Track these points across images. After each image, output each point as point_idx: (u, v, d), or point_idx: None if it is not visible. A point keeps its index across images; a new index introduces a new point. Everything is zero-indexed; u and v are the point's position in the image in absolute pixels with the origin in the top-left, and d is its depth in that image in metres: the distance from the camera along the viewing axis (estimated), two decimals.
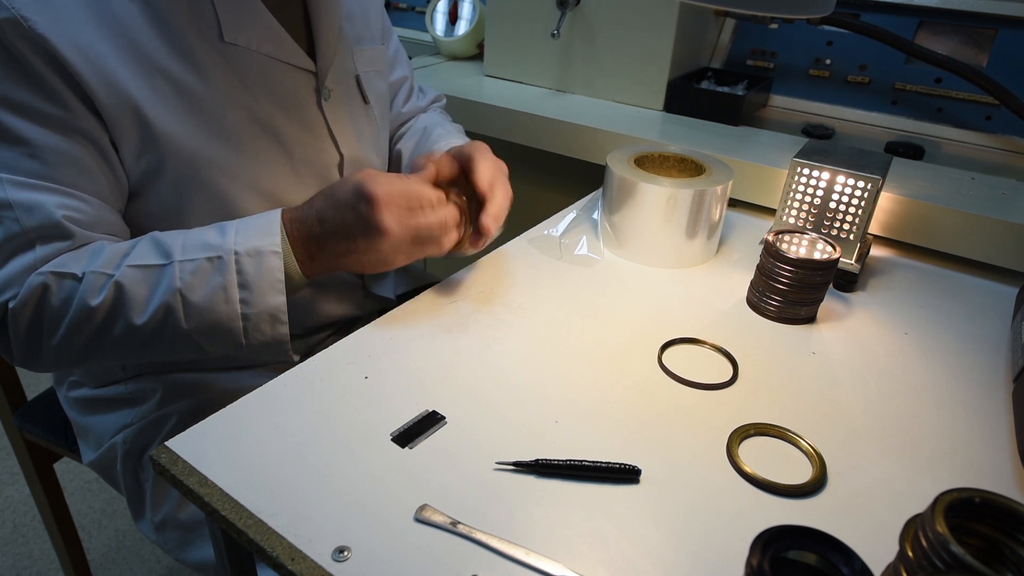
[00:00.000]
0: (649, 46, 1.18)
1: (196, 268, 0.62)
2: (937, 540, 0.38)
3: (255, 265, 0.62)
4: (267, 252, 0.63)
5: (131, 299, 0.62)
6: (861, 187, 0.77)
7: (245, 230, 0.64)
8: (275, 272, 0.63)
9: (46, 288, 0.61)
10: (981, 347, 0.73)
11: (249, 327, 0.63)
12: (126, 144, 0.65)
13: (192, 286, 0.62)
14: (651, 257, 0.85)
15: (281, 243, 0.64)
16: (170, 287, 0.61)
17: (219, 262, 0.62)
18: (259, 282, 0.63)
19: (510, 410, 0.59)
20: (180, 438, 0.54)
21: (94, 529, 1.50)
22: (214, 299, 0.62)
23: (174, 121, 0.66)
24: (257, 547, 0.46)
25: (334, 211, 0.64)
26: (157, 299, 0.62)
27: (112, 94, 0.62)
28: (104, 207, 0.66)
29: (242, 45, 0.69)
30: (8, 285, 0.62)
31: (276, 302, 0.63)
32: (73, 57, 0.60)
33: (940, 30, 1.18)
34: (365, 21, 0.87)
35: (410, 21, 1.73)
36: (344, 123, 0.80)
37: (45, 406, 1.02)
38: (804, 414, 0.61)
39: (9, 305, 0.62)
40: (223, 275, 0.62)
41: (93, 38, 0.61)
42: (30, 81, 0.60)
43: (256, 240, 0.63)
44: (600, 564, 0.46)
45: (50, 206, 0.62)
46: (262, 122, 0.71)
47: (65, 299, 0.62)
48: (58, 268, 0.62)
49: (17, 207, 0.61)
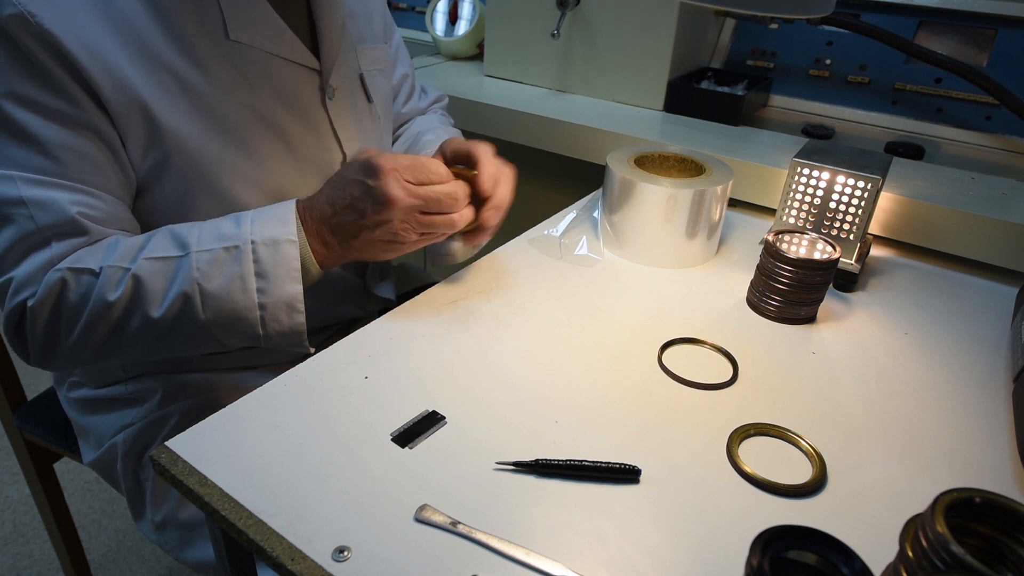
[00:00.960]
0: (649, 46, 1.18)
1: (213, 258, 0.62)
2: (937, 540, 0.38)
3: (272, 254, 0.63)
4: (283, 241, 0.64)
5: (149, 291, 0.62)
6: (861, 187, 0.77)
7: (261, 220, 0.65)
8: (291, 261, 0.63)
9: (64, 284, 0.61)
10: (981, 347, 0.73)
11: (267, 316, 0.64)
12: (133, 140, 0.65)
13: (209, 276, 0.62)
14: (651, 257, 0.85)
15: (297, 232, 0.64)
16: (187, 278, 0.62)
17: (236, 252, 0.63)
18: (276, 271, 0.63)
19: (510, 410, 0.59)
20: (180, 438, 0.54)
21: (94, 529, 1.50)
22: (231, 288, 0.62)
23: (179, 118, 0.66)
24: (257, 547, 0.46)
25: (342, 190, 0.66)
26: (175, 290, 0.62)
27: (119, 90, 0.62)
28: (116, 203, 0.66)
29: (246, 43, 0.69)
30: (26, 284, 0.62)
31: (293, 290, 0.64)
32: (80, 53, 0.60)
33: (940, 30, 1.18)
34: (368, 20, 0.87)
35: (410, 21, 1.73)
36: (347, 121, 0.80)
37: (45, 406, 1.02)
38: (804, 414, 0.61)
39: (28, 303, 0.62)
40: (240, 264, 0.62)
41: (99, 34, 0.61)
42: (38, 77, 0.60)
43: (272, 229, 0.64)
44: (600, 564, 0.46)
45: (64, 203, 0.62)
46: (266, 120, 0.72)
47: (84, 295, 0.62)
48: (75, 264, 0.62)
49: (31, 205, 0.61)
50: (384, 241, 0.66)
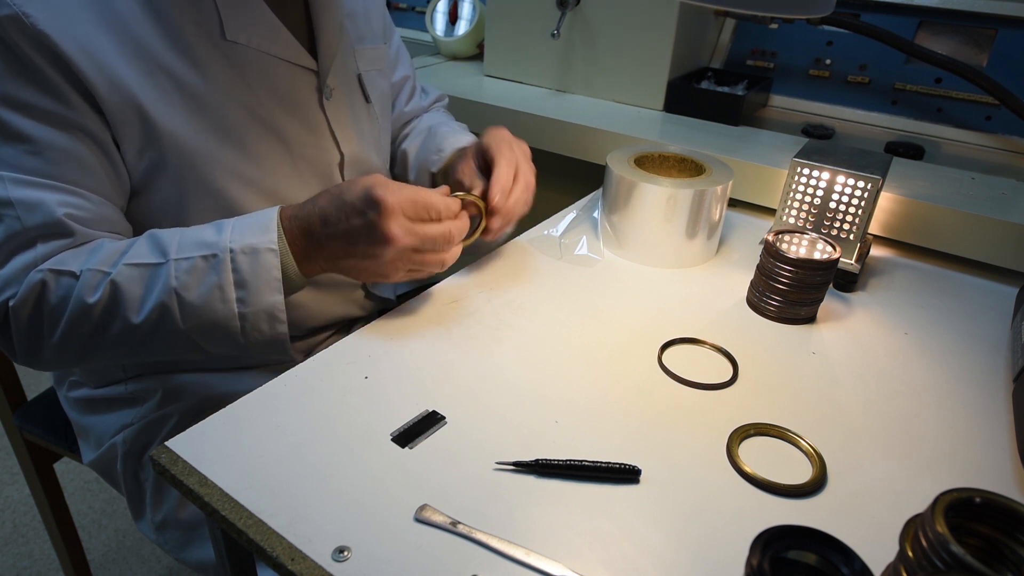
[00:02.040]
0: (649, 46, 1.18)
1: (191, 267, 0.61)
2: (937, 540, 0.38)
3: (251, 263, 0.62)
4: (263, 250, 0.62)
5: (127, 298, 0.61)
6: (861, 187, 0.77)
7: (241, 227, 0.63)
8: (271, 270, 0.62)
9: (44, 285, 0.61)
10: (981, 347, 0.72)
11: (247, 326, 0.63)
12: (128, 141, 0.65)
13: (187, 285, 0.61)
14: (651, 257, 0.85)
15: (278, 240, 0.63)
16: (166, 286, 0.61)
17: (214, 260, 0.61)
18: (255, 280, 0.62)
19: (510, 410, 0.59)
20: (180, 438, 0.54)
21: (94, 529, 1.50)
22: (210, 298, 0.61)
23: (175, 118, 0.66)
24: (257, 547, 0.46)
25: (338, 212, 0.63)
26: (153, 298, 0.61)
27: (114, 91, 0.62)
28: (106, 204, 0.66)
29: (243, 43, 0.69)
30: (8, 283, 0.62)
31: (273, 300, 0.62)
32: (75, 54, 0.60)
33: (940, 30, 1.18)
34: (367, 20, 0.87)
35: (410, 21, 1.73)
36: (345, 122, 0.80)
37: (45, 406, 1.02)
38: (804, 414, 0.61)
39: (9, 303, 0.62)
40: (219, 274, 0.61)
41: (94, 35, 0.61)
42: (32, 78, 0.60)
43: (252, 237, 0.62)
44: (600, 564, 0.46)
45: (51, 204, 0.61)
46: (263, 120, 0.71)
47: (63, 297, 0.62)
48: (56, 266, 0.61)
49: (19, 205, 0.61)
50: (369, 271, 0.65)
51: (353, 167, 0.82)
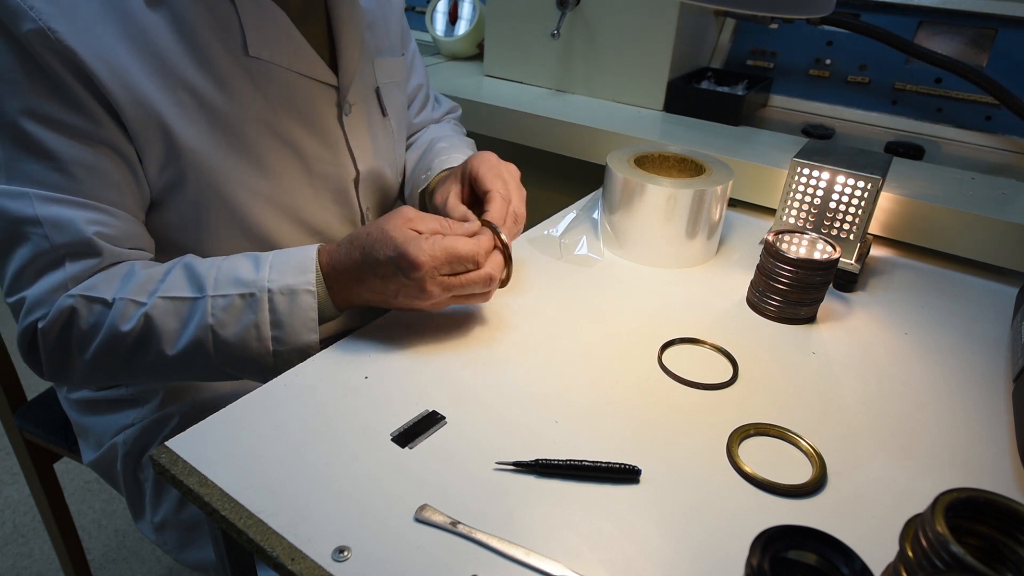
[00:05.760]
0: (649, 46, 1.18)
1: (228, 304, 0.62)
2: (937, 540, 0.38)
3: (288, 304, 0.62)
4: (301, 291, 0.62)
5: (161, 331, 0.62)
6: (861, 187, 0.77)
7: (279, 266, 0.64)
8: (308, 311, 0.62)
9: (74, 311, 0.61)
10: (981, 347, 0.72)
11: (279, 362, 0.63)
12: (150, 156, 0.64)
13: (224, 323, 0.61)
14: (651, 257, 0.85)
15: (316, 283, 0.63)
16: (202, 322, 0.61)
17: (252, 299, 0.62)
18: (292, 321, 0.62)
19: (510, 410, 0.59)
20: (180, 438, 0.54)
21: (94, 529, 1.50)
22: (246, 337, 0.62)
23: (197, 135, 0.65)
24: (257, 547, 0.46)
25: (373, 269, 0.63)
26: (188, 333, 0.62)
27: (137, 106, 0.62)
28: (131, 220, 0.66)
29: (266, 59, 0.69)
30: (38, 304, 0.62)
31: (309, 340, 0.63)
32: (99, 69, 0.59)
33: (940, 30, 1.18)
34: (386, 29, 0.86)
35: (410, 21, 1.72)
36: (362, 137, 0.80)
37: (45, 406, 1.02)
38: (804, 414, 0.61)
39: (39, 324, 0.62)
40: (256, 313, 0.62)
41: (118, 50, 0.60)
42: (57, 93, 0.59)
43: (290, 278, 0.63)
44: (600, 564, 0.46)
45: (80, 222, 0.61)
46: (282, 136, 0.71)
47: (94, 324, 0.62)
48: (88, 292, 0.61)
49: (46, 223, 0.60)
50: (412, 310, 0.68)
51: (368, 183, 0.82)
